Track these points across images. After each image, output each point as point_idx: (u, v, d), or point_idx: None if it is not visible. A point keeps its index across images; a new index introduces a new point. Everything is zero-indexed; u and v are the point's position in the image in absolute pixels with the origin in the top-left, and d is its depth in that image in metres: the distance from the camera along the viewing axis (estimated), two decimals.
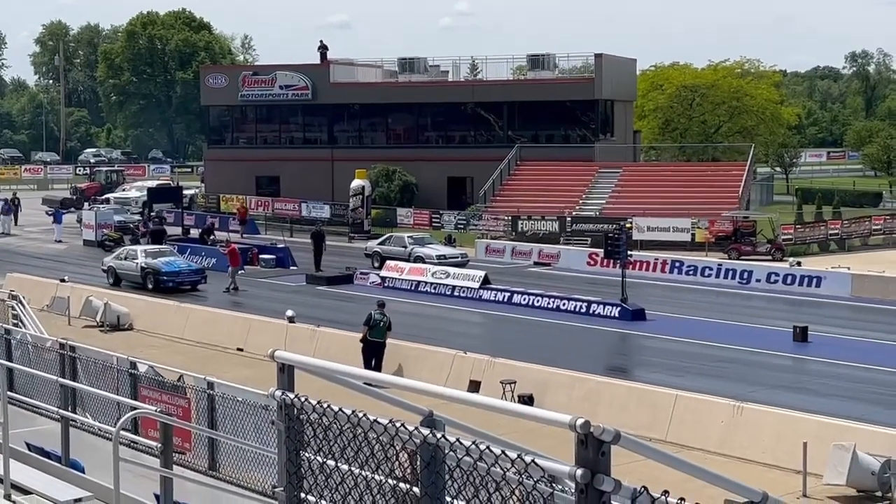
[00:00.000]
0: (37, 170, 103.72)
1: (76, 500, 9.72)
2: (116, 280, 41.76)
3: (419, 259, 45.38)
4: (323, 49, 72.23)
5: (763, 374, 27.65)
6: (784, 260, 47.28)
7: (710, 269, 44.74)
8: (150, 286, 40.42)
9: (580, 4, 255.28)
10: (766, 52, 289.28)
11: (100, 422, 14.19)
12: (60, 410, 13.96)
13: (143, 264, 41.18)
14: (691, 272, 44.88)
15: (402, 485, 5.02)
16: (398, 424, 4.85)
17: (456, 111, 68.72)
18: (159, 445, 10.70)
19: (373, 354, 26.24)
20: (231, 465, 13.05)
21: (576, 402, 23.16)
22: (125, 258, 42.35)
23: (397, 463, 5.01)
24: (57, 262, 50.13)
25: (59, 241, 57.75)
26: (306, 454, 5.38)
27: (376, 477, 5.07)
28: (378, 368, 25.64)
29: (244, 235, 58.22)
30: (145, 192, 67.44)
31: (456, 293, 39.98)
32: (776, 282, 42.43)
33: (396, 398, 5.47)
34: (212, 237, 52.15)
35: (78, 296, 36.59)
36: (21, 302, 26.04)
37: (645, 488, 4.24)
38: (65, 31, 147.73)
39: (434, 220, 60.98)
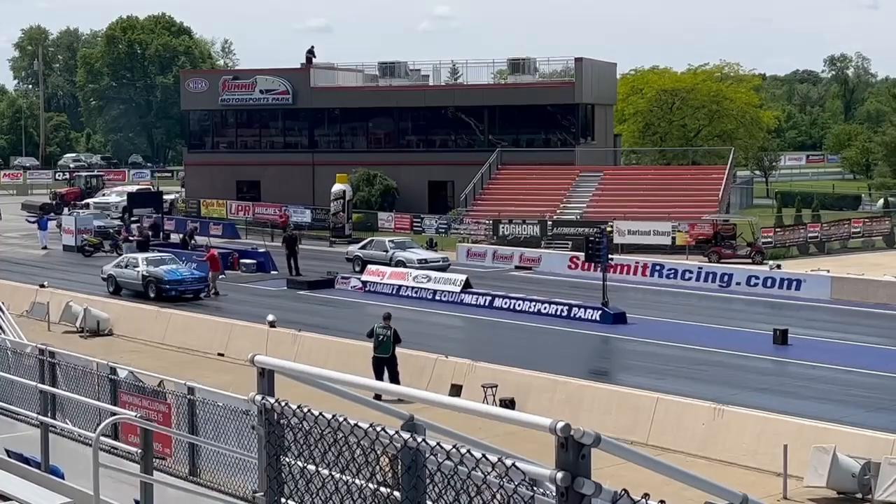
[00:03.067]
0: (16, 175, 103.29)
1: None
2: (116, 288, 41.02)
3: (400, 263, 45.33)
4: (310, 54, 72.12)
5: (743, 376, 27.74)
6: (764, 263, 47.44)
7: (691, 272, 44.84)
8: (151, 295, 39.66)
9: (560, 9, 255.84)
10: (745, 55, 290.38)
11: (80, 428, 14.12)
12: (40, 416, 13.88)
13: (144, 272, 40.42)
14: (672, 275, 44.99)
15: (382, 489, 5.01)
16: (378, 429, 4.84)
17: (437, 115, 68.75)
18: (139, 451, 10.66)
19: (381, 370, 25.50)
20: (212, 470, 13.01)
21: (557, 406, 23.18)
22: (125, 266, 41.56)
23: (378, 467, 5.01)
24: (36, 267, 49.89)
25: (45, 248, 57.25)
26: (287, 459, 5.37)
27: (357, 481, 5.06)
28: (395, 383, 25.16)
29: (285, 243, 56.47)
30: (125, 198, 67.28)
31: (437, 297, 39.97)
32: (756, 285, 42.56)
33: (377, 402, 5.46)
34: (192, 242, 52.00)
35: (57, 301, 36.43)
36: (0, 308, 25.89)
37: (625, 491, 4.25)
38: (44, 35, 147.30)
39: (415, 224, 60.98)
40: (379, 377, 24.80)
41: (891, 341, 32.36)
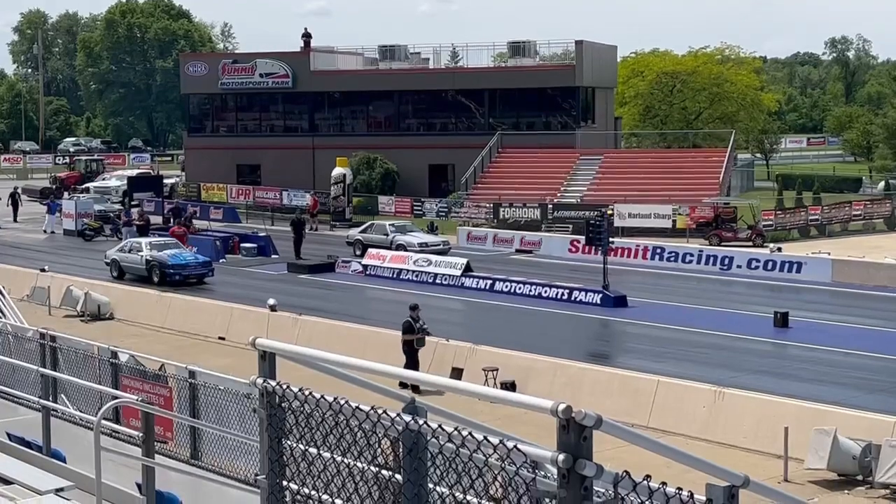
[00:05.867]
0: (16, 159, 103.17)
1: (58, 490, 9.67)
2: (120, 273, 40.90)
3: (401, 247, 45.34)
4: (306, 37, 72.05)
5: (744, 359, 27.76)
6: (765, 246, 47.44)
7: (692, 255, 44.84)
8: (155, 279, 39.54)
9: None
10: (745, 38, 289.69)
11: (81, 411, 14.14)
12: (41, 400, 13.90)
13: (148, 257, 40.34)
14: (672, 259, 44.99)
15: (384, 472, 5.02)
16: (380, 411, 4.84)
17: (437, 99, 68.67)
18: (141, 434, 10.67)
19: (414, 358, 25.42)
20: (213, 453, 13.03)
21: (558, 389, 23.21)
22: (129, 251, 41.46)
23: (379, 450, 5.01)
24: (37, 251, 49.89)
25: (53, 232, 57.12)
26: (288, 442, 5.37)
27: (358, 464, 5.06)
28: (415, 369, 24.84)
29: (315, 228, 55.98)
30: (125, 182, 67.20)
31: (438, 281, 39.98)
32: (757, 268, 42.56)
33: (379, 385, 5.46)
34: (191, 225, 51.98)
35: (58, 285, 36.46)
36: (1, 292, 25.90)
37: (627, 473, 4.25)
38: (43, 19, 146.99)
39: (416, 207, 60.93)
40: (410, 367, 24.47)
41: (891, 324, 32.36)
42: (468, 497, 4.63)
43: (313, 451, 5.23)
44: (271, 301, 31.77)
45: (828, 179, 78.08)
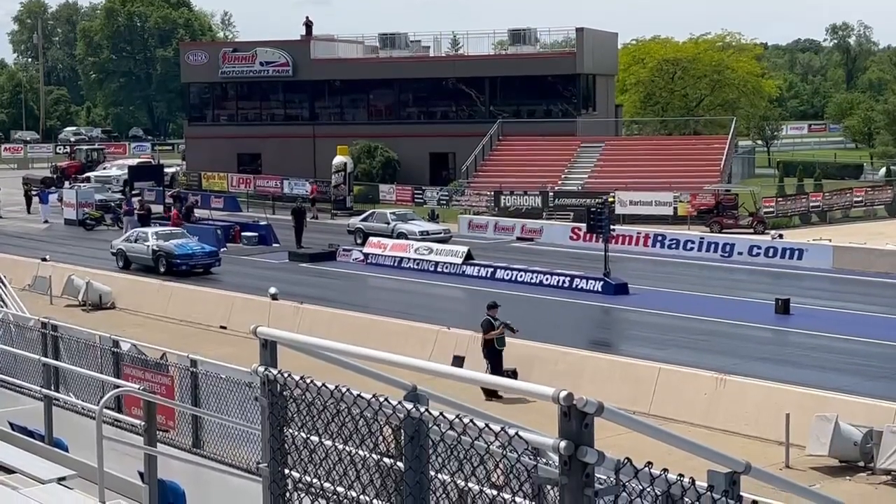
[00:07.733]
0: (17, 149, 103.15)
1: (60, 479, 9.68)
2: (126, 263, 40.88)
3: (402, 235, 45.33)
4: (308, 24, 71.97)
5: (746, 346, 27.77)
6: (766, 233, 47.40)
7: (693, 242, 44.84)
8: (161, 269, 39.46)
9: None
10: (746, 24, 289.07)
11: (83, 401, 14.14)
12: (43, 389, 13.91)
13: (154, 247, 40.30)
14: (674, 246, 44.98)
15: (385, 459, 5.02)
16: (382, 399, 4.84)
17: (437, 86, 68.59)
18: (143, 423, 10.67)
19: (499, 364, 23.73)
20: (215, 442, 13.04)
21: (559, 377, 23.20)
22: (135, 241, 41.44)
23: (381, 437, 5.01)
24: (38, 241, 49.90)
25: (46, 222, 57.16)
26: (290, 430, 5.37)
27: (360, 452, 5.06)
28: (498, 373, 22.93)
29: (316, 217, 55.93)
30: (126, 171, 67.20)
31: (439, 269, 39.97)
32: (758, 255, 42.55)
33: (380, 373, 5.46)
34: (192, 214, 51.99)
35: (59, 275, 36.46)
36: (2, 281, 25.90)
37: (628, 459, 4.25)
38: (43, 8, 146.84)
39: (416, 196, 60.90)
40: (499, 372, 23.01)
41: (892, 310, 32.35)
42: (470, 485, 4.64)
43: (315, 439, 5.23)
44: (272, 290, 31.77)
45: (829, 166, 78.04)
